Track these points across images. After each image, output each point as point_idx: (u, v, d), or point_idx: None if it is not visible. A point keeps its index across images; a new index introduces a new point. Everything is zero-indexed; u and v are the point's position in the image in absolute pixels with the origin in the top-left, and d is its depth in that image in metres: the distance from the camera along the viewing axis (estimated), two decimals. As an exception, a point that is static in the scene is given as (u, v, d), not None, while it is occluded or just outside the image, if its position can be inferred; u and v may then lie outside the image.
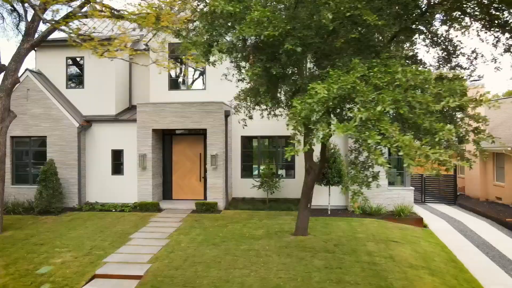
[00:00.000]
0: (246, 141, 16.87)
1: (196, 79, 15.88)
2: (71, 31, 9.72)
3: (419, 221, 12.78)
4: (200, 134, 15.60)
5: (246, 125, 11.30)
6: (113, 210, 14.10)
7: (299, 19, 5.94)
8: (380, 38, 6.82)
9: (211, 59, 8.20)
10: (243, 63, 8.34)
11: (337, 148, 13.84)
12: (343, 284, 7.49)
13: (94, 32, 12.11)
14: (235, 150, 16.37)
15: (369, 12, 5.32)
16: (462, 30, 7.76)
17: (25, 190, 14.79)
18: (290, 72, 6.86)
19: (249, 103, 9.71)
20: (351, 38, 5.86)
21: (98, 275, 8.02)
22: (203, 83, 15.45)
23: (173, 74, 16.07)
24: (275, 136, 16.57)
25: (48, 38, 15.97)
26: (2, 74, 13.10)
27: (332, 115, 6.15)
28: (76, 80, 15.83)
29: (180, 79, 15.82)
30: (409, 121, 4.92)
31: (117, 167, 15.28)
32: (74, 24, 11.17)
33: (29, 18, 11.86)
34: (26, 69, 14.95)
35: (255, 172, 16.78)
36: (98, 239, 10.40)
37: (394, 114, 4.84)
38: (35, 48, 15.95)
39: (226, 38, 6.72)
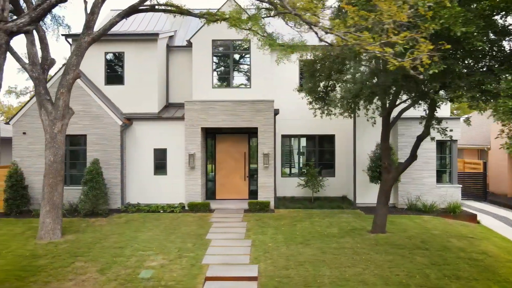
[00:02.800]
0: (286, 140, 16.81)
1: (242, 77, 15.59)
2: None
3: (472, 218, 13.12)
4: (244, 133, 15.36)
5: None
6: (161, 211, 13.64)
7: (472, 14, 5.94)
8: None
9: None
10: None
11: (391, 146, 13.95)
12: (462, 280, 7.57)
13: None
14: (276, 149, 16.22)
15: None
16: None
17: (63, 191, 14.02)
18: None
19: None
20: None
21: (209, 278, 7.71)
22: (249, 81, 15.20)
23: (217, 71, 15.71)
24: (315, 135, 16.60)
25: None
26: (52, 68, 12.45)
27: None
28: (116, 76, 15.20)
29: (225, 77, 15.48)
30: None
31: (160, 166, 14.78)
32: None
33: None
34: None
35: (294, 171, 16.73)
36: (176, 241, 10.02)
37: None
38: (69, 41, 15.25)
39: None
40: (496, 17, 6.81)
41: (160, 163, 14.76)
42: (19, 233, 11.10)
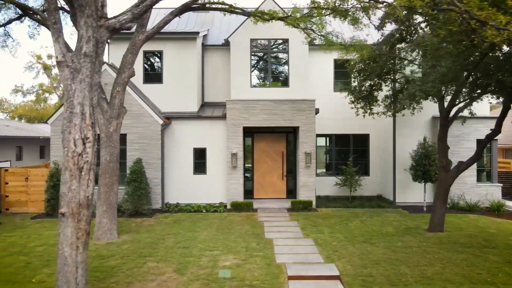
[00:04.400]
0: (320, 139, 16.78)
1: (280, 76, 15.51)
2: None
3: (516, 216, 13.22)
4: (282, 132, 15.31)
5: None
6: (204, 211, 13.56)
7: None
8: None
9: None
10: None
11: (432, 144, 13.99)
12: (545, 277, 7.61)
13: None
14: (311, 148, 16.19)
15: None
16: None
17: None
18: None
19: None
20: None
21: (291, 277, 7.64)
22: (287, 80, 15.12)
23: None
24: (349, 135, 16.61)
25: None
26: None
27: None
28: (154, 75, 15.08)
29: (263, 76, 15.40)
30: None
31: (200, 166, 14.68)
32: None
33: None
34: (104, 63, 14.03)
35: (325, 170, 16.73)
36: (238, 240, 9.95)
37: None
38: (108, 40, 15.06)
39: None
40: None
41: (199, 163, 14.68)
42: (71, 233, 10.92)
